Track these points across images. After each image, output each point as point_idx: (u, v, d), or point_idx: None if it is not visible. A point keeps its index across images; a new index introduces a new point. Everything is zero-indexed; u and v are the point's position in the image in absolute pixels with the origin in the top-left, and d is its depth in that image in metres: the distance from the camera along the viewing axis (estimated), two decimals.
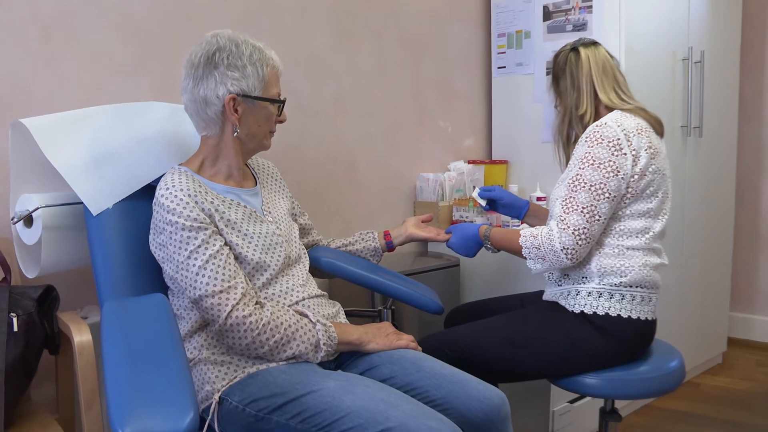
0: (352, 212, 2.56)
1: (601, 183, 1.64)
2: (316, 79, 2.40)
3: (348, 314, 1.79)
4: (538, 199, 2.66)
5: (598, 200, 1.64)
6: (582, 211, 1.64)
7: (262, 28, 2.24)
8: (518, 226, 2.51)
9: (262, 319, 1.38)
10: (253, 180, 1.66)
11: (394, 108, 2.68)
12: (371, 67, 2.58)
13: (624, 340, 1.68)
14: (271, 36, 2.25)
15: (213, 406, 1.37)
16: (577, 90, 1.80)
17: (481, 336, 1.75)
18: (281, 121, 1.59)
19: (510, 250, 1.78)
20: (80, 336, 1.46)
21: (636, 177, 1.67)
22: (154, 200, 1.45)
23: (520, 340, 1.71)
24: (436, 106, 2.84)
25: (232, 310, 1.37)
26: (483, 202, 2.04)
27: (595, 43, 1.84)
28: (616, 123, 1.68)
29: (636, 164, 1.66)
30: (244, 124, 1.51)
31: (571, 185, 1.67)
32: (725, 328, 3.31)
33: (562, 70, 1.83)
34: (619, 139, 1.65)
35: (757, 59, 3.43)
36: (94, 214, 1.52)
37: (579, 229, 1.63)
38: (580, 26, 2.54)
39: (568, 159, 1.86)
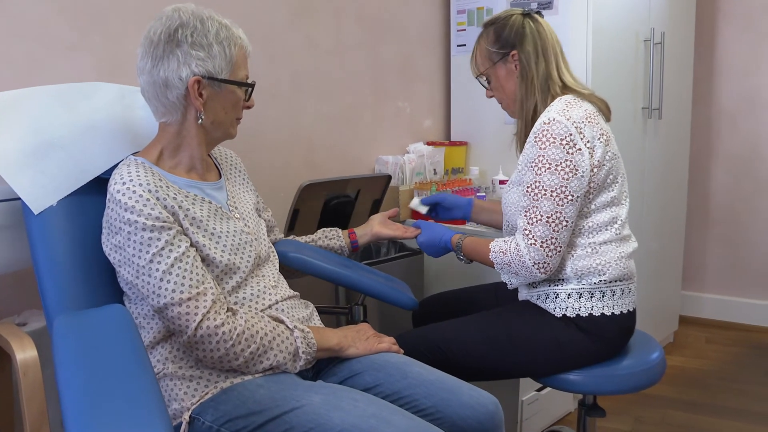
0: None
1: (561, 186, 1.52)
2: (271, 57, 2.24)
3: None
4: (501, 182, 2.59)
5: (562, 205, 1.52)
6: (547, 221, 1.52)
7: (214, 2, 2.05)
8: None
9: (236, 329, 1.25)
10: (216, 172, 1.50)
11: (352, 88, 2.54)
12: (329, 46, 2.43)
13: (609, 338, 1.63)
14: (225, 11, 2.05)
15: (183, 427, 1.22)
16: (545, 59, 1.65)
17: (461, 335, 1.66)
18: (249, 107, 1.44)
19: (483, 262, 1.68)
20: (23, 353, 1.29)
21: (596, 169, 1.56)
22: (108, 196, 1.28)
23: (504, 340, 1.63)
24: (395, 86, 2.72)
25: (202, 319, 1.23)
26: (424, 210, 1.94)
27: (542, 15, 1.72)
28: (564, 116, 1.53)
29: (593, 156, 1.55)
30: (209, 110, 1.35)
31: (531, 194, 1.55)
32: (678, 307, 3.36)
33: (522, 35, 1.64)
34: (571, 134, 1.52)
35: (709, 41, 3.44)
36: (36, 212, 1.33)
37: (546, 240, 1.52)
38: (546, 4, 2.45)
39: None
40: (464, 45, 2.76)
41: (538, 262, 1.53)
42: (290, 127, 2.33)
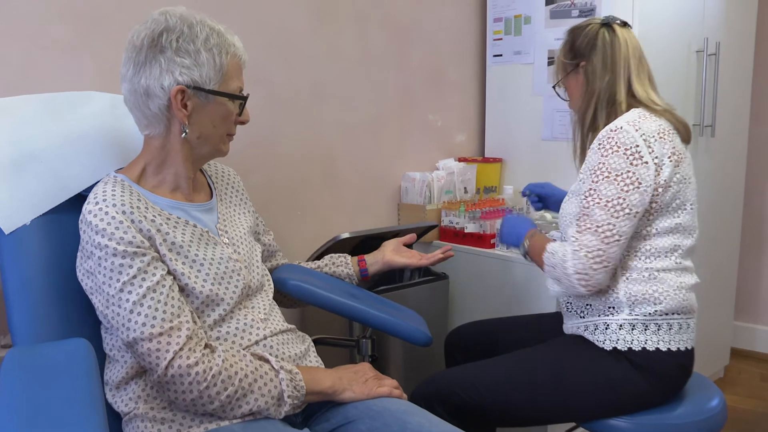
0: (329, 215, 2.28)
1: (619, 198, 1.41)
2: (291, 66, 2.11)
3: (321, 343, 1.53)
4: None
5: (617, 218, 1.41)
6: (597, 231, 1.41)
7: (230, 7, 1.94)
8: None
9: (211, 369, 1.12)
10: (207, 191, 1.37)
11: (378, 99, 2.40)
12: (353, 54, 2.30)
13: (665, 377, 1.47)
14: (240, 17, 1.96)
15: None
16: (612, 72, 1.55)
17: (501, 378, 1.52)
18: (243, 122, 1.30)
19: (538, 264, 1.56)
20: None
21: (660, 189, 1.44)
22: (81, 217, 1.18)
23: (551, 383, 1.49)
24: (425, 98, 2.56)
25: (174, 357, 1.10)
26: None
27: (627, 25, 1.61)
28: (633, 127, 1.44)
29: (659, 174, 1.44)
30: (195, 124, 1.23)
31: (585, 201, 1.45)
32: (729, 340, 3.10)
33: (592, 46, 1.57)
34: (638, 145, 1.42)
35: None
36: (7, 231, 1.24)
37: (593, 251, 1.41)
38: (588, 11, 2.27)
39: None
40: (500, 55, 2.60)
41: (580, 272, 1.42)
42: (310, 141, 2.20)
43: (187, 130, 1.22)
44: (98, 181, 1.25)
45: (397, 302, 1.72)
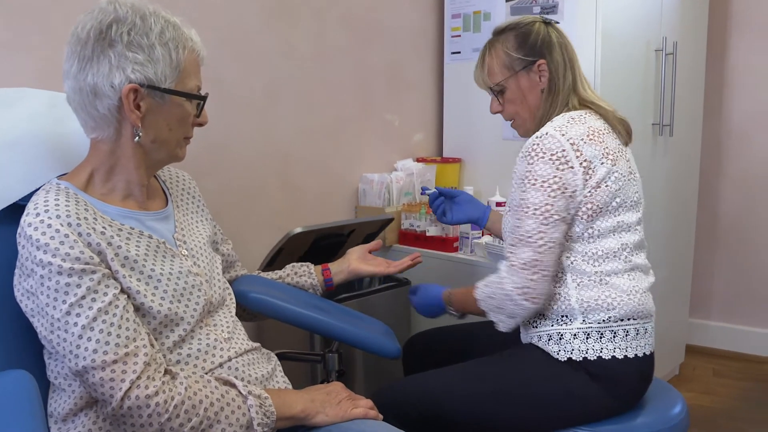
0: (286, 221, 2.18)
1: (547, 204, 1.37)
2: (244, 63, 2.00)
3: (283, 358, 1.43)
4: (498, 204, 2.36)
5: (547, 224, 1.37)
6: (529, 241, 1.37)
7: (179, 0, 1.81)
8: (479, 238, 2.20)
9: (173, 398, 1.01)
10: (162, 198, 1.26)
11: (334, 98, 2.31)
12: (309, 51, 2.20)
13: (625, 385, 1.42)
14: (190, 10, 1.83)
15: None
16: (572, 71, 1.51)
17: (459, 387, 1.44)
18: (201, 124, 1.19)
19: (473, 310, 1.52)
20: None
21: (594, 190, 1.39)
22: (19, 230, 1.04)
23: (508, 392, 1.42)
24: (382, 97, 2.48)
25: (130, 387, 0.98)
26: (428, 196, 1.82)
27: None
28: (559, 132, 1.39)
29: (591, 176, 1.39)
30: (148, 126, 1.11)
31: (517, 213, 1.41)
32: (684, 338, 3.13)
33: (549, 43, 1.50)
34: (563, 150, 1.37)
35: (720, 52, 3.22)
36: None
37: (528, 262, 1.37)
38: (550, 8, 2.23)
39: None
40: (459, 52, 2.53)
41: (520, 287, 1.37)
42: (264, 142, 2.09)
43: (140, 134, 1.10)
44: (38, 189, 1.12)
45: (358, 310, 1.65)
